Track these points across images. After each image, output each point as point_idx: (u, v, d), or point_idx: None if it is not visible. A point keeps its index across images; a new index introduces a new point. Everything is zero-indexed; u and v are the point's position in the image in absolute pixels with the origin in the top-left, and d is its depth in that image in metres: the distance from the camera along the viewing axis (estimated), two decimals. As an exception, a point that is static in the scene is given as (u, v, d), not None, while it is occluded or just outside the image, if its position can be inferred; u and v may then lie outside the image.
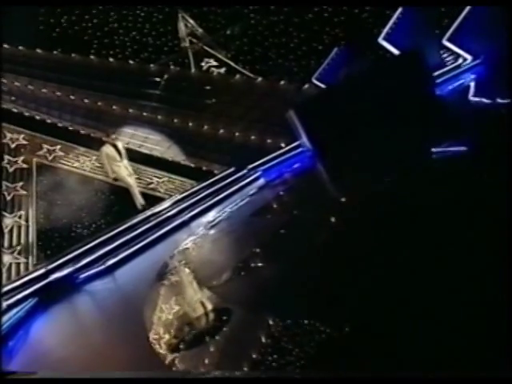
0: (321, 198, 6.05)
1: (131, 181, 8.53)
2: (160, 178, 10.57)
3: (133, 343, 3.58)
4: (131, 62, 13.30)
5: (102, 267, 6.06)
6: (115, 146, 8.40)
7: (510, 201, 3.10)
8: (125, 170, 8.39)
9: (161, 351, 3.28)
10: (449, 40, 11.82)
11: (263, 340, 2.83)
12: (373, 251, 3.35)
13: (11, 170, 10.06)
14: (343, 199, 5.43)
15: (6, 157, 10.09)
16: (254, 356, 2.75)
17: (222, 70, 14.48)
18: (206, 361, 2.97)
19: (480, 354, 2.23)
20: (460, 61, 11.74)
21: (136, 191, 8.56)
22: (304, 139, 8.21)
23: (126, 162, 8.45)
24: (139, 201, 8.49)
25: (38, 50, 10.72)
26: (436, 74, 10.93)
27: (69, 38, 13.57)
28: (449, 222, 3.39)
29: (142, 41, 15.30)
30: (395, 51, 11.92)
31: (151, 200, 10.13)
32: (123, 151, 8.50)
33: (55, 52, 10.90)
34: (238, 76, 12.24)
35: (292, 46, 15.16)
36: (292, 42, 15.16)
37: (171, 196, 10.29)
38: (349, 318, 2.74)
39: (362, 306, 2.82)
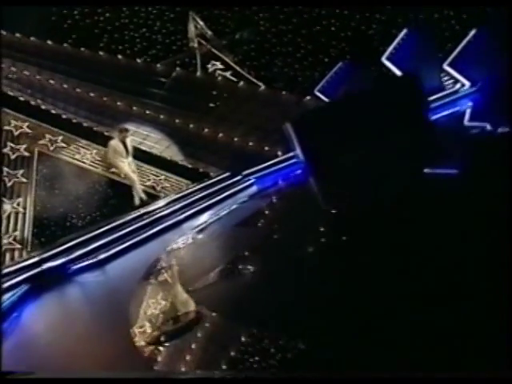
0: (311, 209, 6.23)
1: (134, 177, 8.72)
2: (157, 176, 10.80)
3: (117, 335, 3.73)
4: (138, 60, 13.57)
5: (94, 260, 6.28)
6: (124, 143, 8.55)
7: (500, 226, 3.24)
8: (128, 167, 8.56)
9: (143, 344, 3.41)
10: (450, 65, 12.10)
11: (243, 339, 2.90)
12: (361, 262, 3.44)
13: (13, 156, 10.25)
14: (333, 211, 5.58)
15: (9, 144, 10.30)
16: (232, 354, 2.83)
17: (228, 74, 14.76)
18: (188, 357, 3.09)
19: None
20: (458, 86, 12.04)
21: (138, 187, 8.73)
22: (298, 151, 8.47)
23: (130, 159, 8.63)
24: (140, 196, 8.68)
25: (49, 42, 10.93)
26: (434, 97, 11.23)
27: (80, 30, 13.83)
28: (439, 237, 3.49)
29: (151, 38, 15.57)
30: (397, 71, 12.22)
31: (147, 197, 10.40)
32: (130, 149, 8.68)
33: (65, 45, 11.10)
34: (242, 83, 12.48)
35: (298, 56, 15.46)
36: (299, 52, 15.46)
37: (166, 194, 10.57)
38: (334, 326, 2.78)
39: (348, 314, 2.87)
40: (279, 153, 10.55)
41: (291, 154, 9.55)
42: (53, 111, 10.81)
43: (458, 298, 2.78)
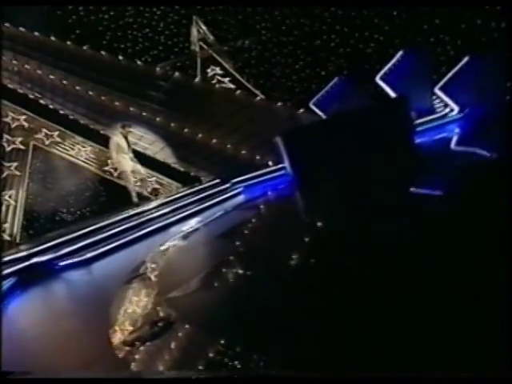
0: (297, 221, 6.24)
1: (131, 178, 8.81)
2: (149, 177, 10.98)
3: (97, 333, 3.78)
4: (139, 59, 13.76)
5: (81, 259, 6.43)
6: (126, 139, 8.65)
7: (482, 250, 3.24)
8: (129, 164, 8.62)
9: (119, 343, 3.44)
10: (441, 88, 12.47)
11: (222, 341, 2.90)
12: (347, 275, 3.43)
13: (8, 149, 10.38)
14: (319, 223, 5.69)
15: (5, 136, 10.40)
16: (211, 355, 2.83)
17: (226, 80, 15.01)
18: (166, 356, 3.13)
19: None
20: (447, 110, 12.41)
21: (132, 188, 8.87)
22: (287, 165, 8.72)
23: (131, 155, 8.73)
24: (133, 198, 8.81)
25: (52, 38, 11.07)
26: (422, 120, 11.58)
27: (84, 26, 13.95)
28: (426, 252, 3.46)
29: (154, 38, 15.76)
30: (389, 92, 12.56)
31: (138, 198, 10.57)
32: (131, 144, 8.84)
33: (68, 42, 11.24)
34: (238, 91, 12.73)
35: (297, 67, 15.77)
36: (297, 64, 15.77)
37: (156, 195, 10.77)
38: (315, 339, 2.71)
39: (332, 325, 2.81)
40: (270, 163, 10.81)
41: (281, 166, 9.78)
42: (51, 106, 10.94)
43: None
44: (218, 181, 9.76)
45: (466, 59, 12.39)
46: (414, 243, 3.69)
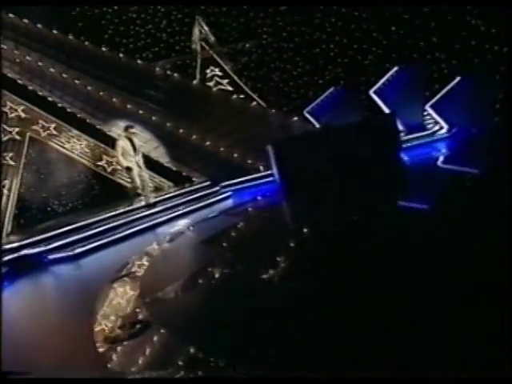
0: (283, 227, 6.29)
1: (138, 182, 8.42)
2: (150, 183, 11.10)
3: (79, 326, 3.88)
4: (139, 55, 13.92)
5: (70, 253, 6.58)
6: (131, 141, 8.36)
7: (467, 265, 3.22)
8: (136, 167, 8.30)
9: (103, 337, 3.50)
10: (432, 106, 12.80)
11: (200, 345, 2.86)
12: (334, 283, 3.43)
13: (5, 138, 10.50)
14: (305, 230, 5.54)
15: (3, 125, 10.51)
16: (192, 351, 2.83)
17: (225, 82, 15.23)
18: (147, 351, 3.14)
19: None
20: (437, 128, 12.75)
21: (140, 191, 8.52)
22: (275, 172, 8.96)
23: (138, 157, 8.40)
24: (146, 200, 8.50)
25: (54, 31, 11.19)
26: (411, 137, 11.91)
27: (86, 19, 14.05)
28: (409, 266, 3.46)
29: (156, 35, 15.92)
30: (382, 106, 12.88)
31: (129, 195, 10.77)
32: (138, 147, 8.51)
33: (70, 36, 11.37)
34: (234, 96, 12.96)
35: (295, 74, 16.04)
36: (296, 70, 16.04)
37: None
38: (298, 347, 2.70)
39: (318, 331, 2.79)
40: (261, 167, 11.07)
41: (270, 172, 10.03)
42: (49, 99, 11.08)
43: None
44: (208, 183, 9.98)
45: (457, 79, 12.75)
46: (401, 254, 3.75)
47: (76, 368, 3.22)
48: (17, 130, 10.68)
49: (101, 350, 3.32)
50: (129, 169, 8.35)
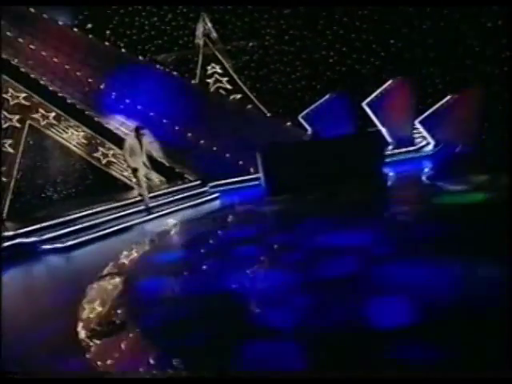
0: (267, 231, 6.38)
1: (143, 183, 8.44)
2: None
3: (69, 312, 4.02)
4: (141, 47, 14.15)
5: (62, 245, 6.85)
6: (139, 141, 8.39)
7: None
8: (142, 168, 8.33)
9: (90, 319, 3.66)
10: (421, 121, 13.20)
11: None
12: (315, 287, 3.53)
13: (5, 125, 10.71)
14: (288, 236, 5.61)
15: (3, 112, 10.71)
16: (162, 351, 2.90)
17: (224, 80, 15.52)
18: (122, 345, 3.25)
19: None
20: (423, 144, 13.16)
21: (145, 193, 8.52)
22: (261, 176, 9.31)
23: (145, 158, 8.43)
24: (146, 202, 8.53)
25: (60, 22, 11.39)
26: (397, 151, 12.31)
27: (91, 9, 14.20)
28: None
29: (160, 28, 16.12)
30: (373, 118, 13.26)
31: (121, 188, 11.14)
32: (144, 147, 8.55)
33: (75, 29, 11.56)
34: (231, 97, 13.25)
35: (293, 77, 16.37)
36: (294, 74, 16.37)
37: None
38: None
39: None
40: (251, 169, 11.43)
41: (258, 175, 10.36)
42: (50, 88, 11.29)
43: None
44: (197, 182, 10.28)
45: (447, 97, 13.14)
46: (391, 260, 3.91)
47: (57, 353, 3.31)
48: (17, 117, 10.87)
49: (81, 341, 3.44)
50: (135, 170, 8.38)
